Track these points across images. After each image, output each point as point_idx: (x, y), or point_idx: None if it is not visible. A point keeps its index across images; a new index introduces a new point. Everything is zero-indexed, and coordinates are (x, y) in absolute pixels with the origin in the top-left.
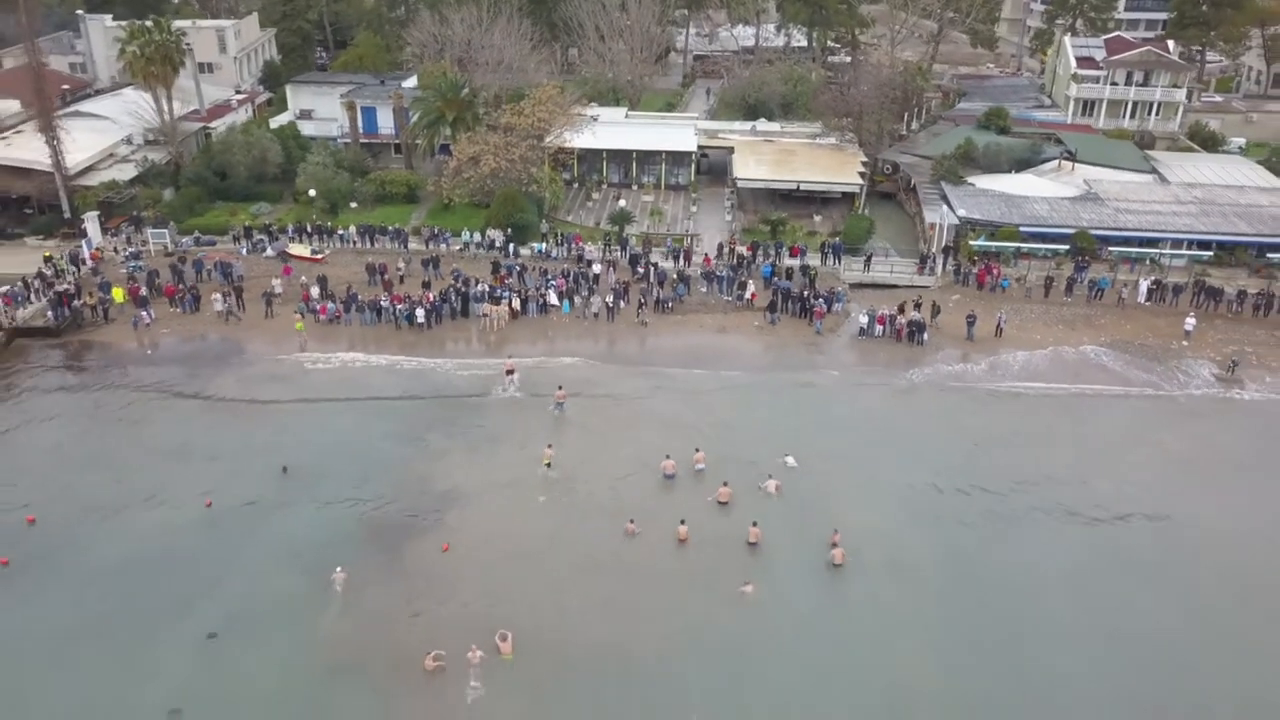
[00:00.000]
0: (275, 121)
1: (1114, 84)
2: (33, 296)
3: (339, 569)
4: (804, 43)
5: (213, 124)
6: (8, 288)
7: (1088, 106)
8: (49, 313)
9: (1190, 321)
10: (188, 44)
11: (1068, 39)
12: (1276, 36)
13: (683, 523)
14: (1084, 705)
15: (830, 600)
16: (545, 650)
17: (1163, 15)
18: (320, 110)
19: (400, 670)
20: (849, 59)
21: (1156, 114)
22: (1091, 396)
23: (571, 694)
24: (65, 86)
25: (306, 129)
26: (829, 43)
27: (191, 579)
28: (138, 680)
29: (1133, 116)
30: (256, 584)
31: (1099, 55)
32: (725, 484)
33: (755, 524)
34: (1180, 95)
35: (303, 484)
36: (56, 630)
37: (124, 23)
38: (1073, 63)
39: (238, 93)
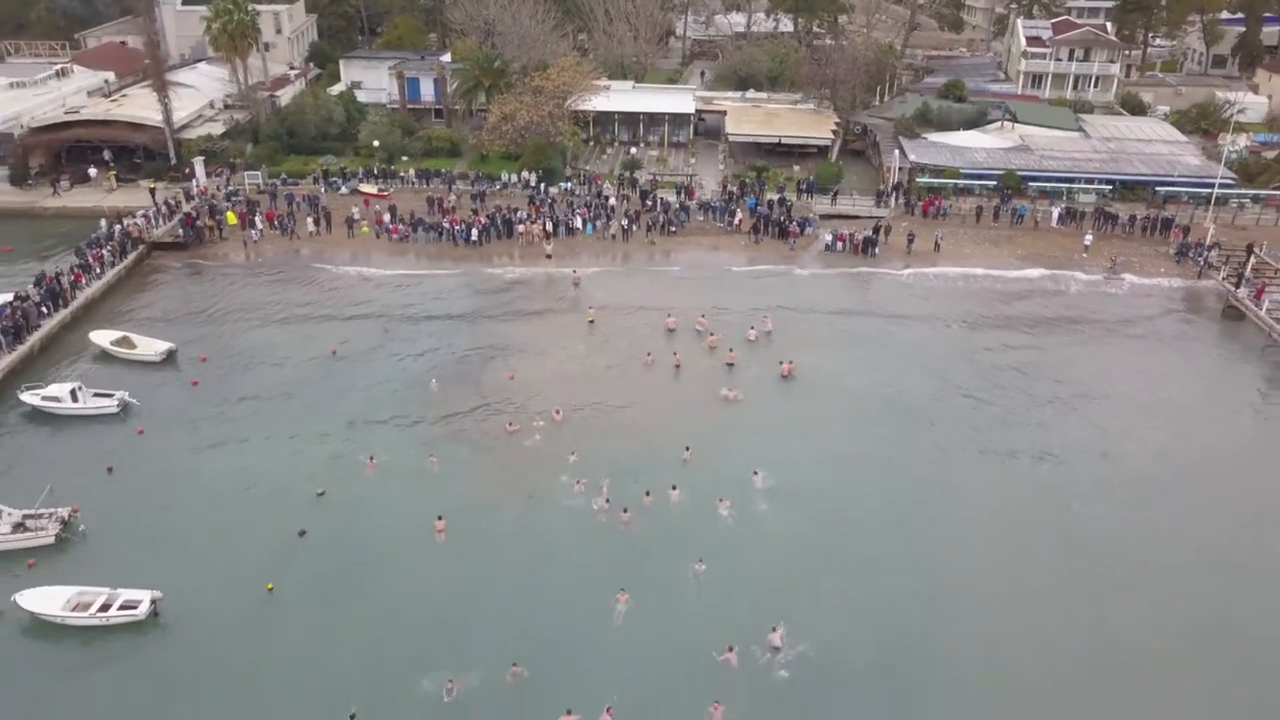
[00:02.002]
0: (332, 91)
1: (1058, 60)
2: (160, 220)
3: (435, 380)
4: (791, 28)
5: (277, 93)
6: (144, 212)
7: (1036, 79)
8: (179, 231)
9: (1088, 238)
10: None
11: (1020, 21)
12: (1214, 22)
13: (676, 353)
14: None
15: (780, 395)
16: (584, 422)
17: (1110, 2)
18: (369, 82)
19: (487, 435)
20: (831, 41)
21: (1095, 86)
22: (983, 277)
23: (601, 445)
24: (147, 61)
25: (359, 97)
26: (814, 28)
27: (328, 393)
28: (292, 459)
29: (1075, 88)
30: (376, 394)
31: (1046, 35)
32: (713, 334)
33: (732, 350)
34: (1115, 69)
35: (399, 339)
36: (232, 423)
37: (194, 6)
38: (1023, 42)
39: (291, 68)
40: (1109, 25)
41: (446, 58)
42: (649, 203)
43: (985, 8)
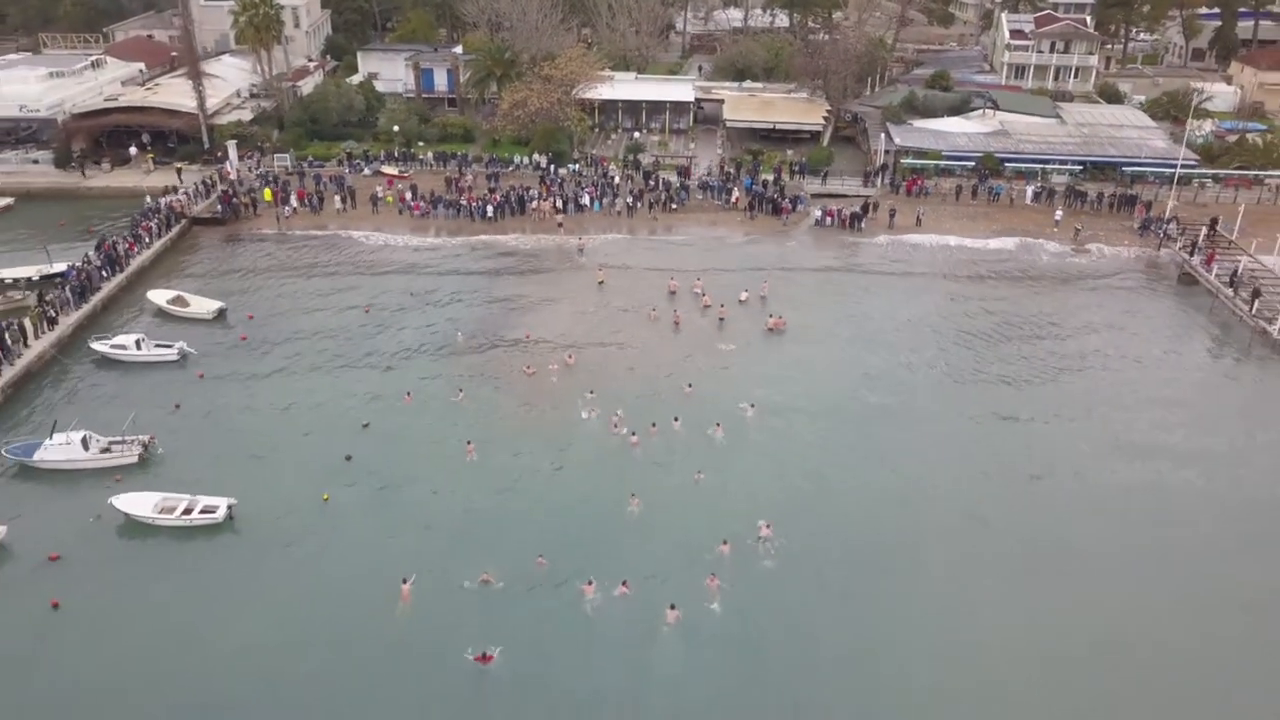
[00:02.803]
0: (351, 81)
1: (1040, 52)
2: (199, 198)
3: (459, 332)
4: (787, 23)
5: (298, 83)
6: (185, 190)
7: (1019, 70)
8: (217, 207)
9: (1059, 214)
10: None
11: (1004, 15)
12: (1193, 16)
13: (676, 311)
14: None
15: (769, 346)
16: (595, 366)
17: None
18: (385, 73)
19: (509, 376)
20: (825, 36)
21: (1075, 77)
22: (960, 247)
23: (611, 384)
24: (173, 53)
25: (377, 87)
26: (809, 23)
27: (364, 343)
28: (337, 398)
29: (1056, 79)
30: (407, 343)
31: (1029, 29)
32: (706, 294)
33: (723, 305)
34: (1093, 61)
35: (425, 299)
36: (281, 370)
37: (218, 2)
38: (1006, 35)
39: (310, 61)
40: (1089, 19)
41: (458, 50)
42: (651, 182)
43: (975, 3)
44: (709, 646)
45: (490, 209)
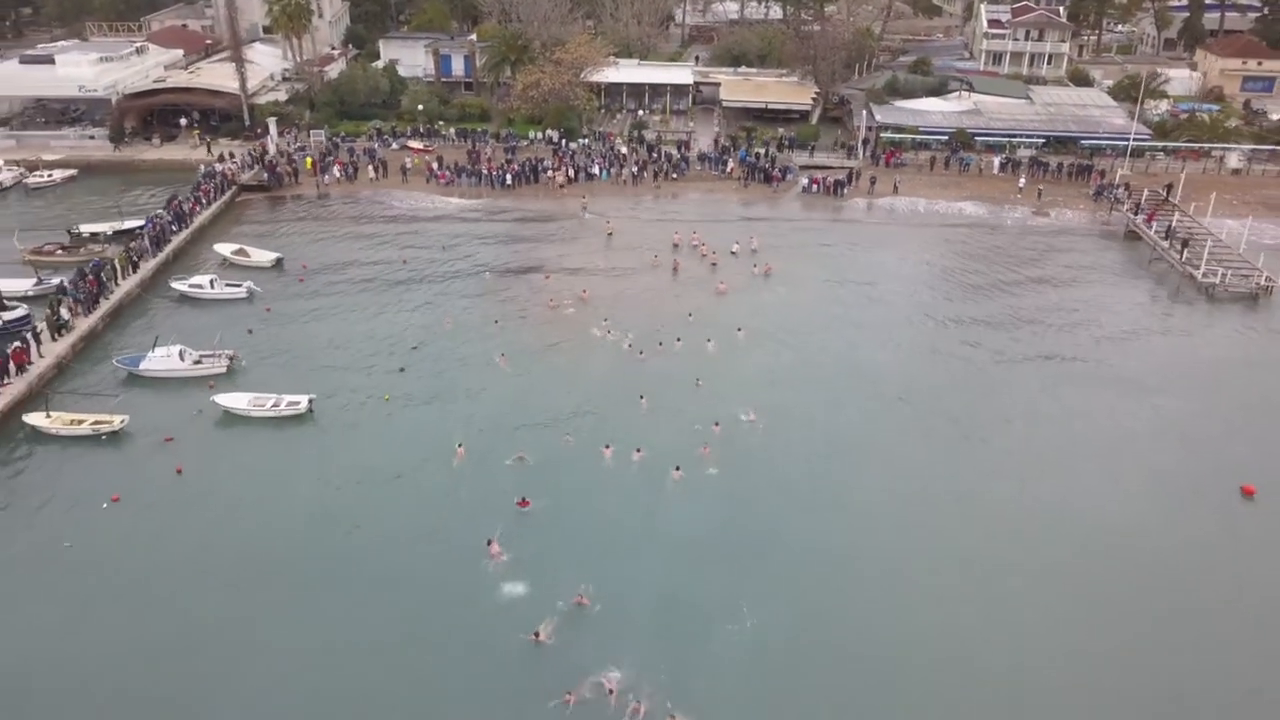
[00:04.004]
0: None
1: (1016, 40)
2: (245, 168)
3: (487, 273)
4: (781, 14)
5: (324, 68)
6: (235, 161)
7: (996, 57)
8: (263, 175)
9: (1022, 181)
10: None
11: (983, 6)
12: (1164, 8)
13: (676, 259)
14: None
15: (759, 286)
16: (606, 300)
17: None
18: (405, 59)
19: (533, 309)
20: (817, 29)
21: (1049, 63)
22: (931, 210)
23: (621, 314)
24: (208, 41)
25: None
26: (802, 15)
27: (405, 284)
28: (387, 324)
29: (1031, 65)
30: (442, 284)
31: (1005, 18)
32: (704, 243)
33: (714, 252)
34: (1065, 48)
35: (454, 251)
36: (336, 306)
37: None
38: (984, 24)
39: (332, 49)
40: (1063, 10)
41: (472, 38)
42: (654, 154)
43: None
44: (705, 495)
45: (509, 178)
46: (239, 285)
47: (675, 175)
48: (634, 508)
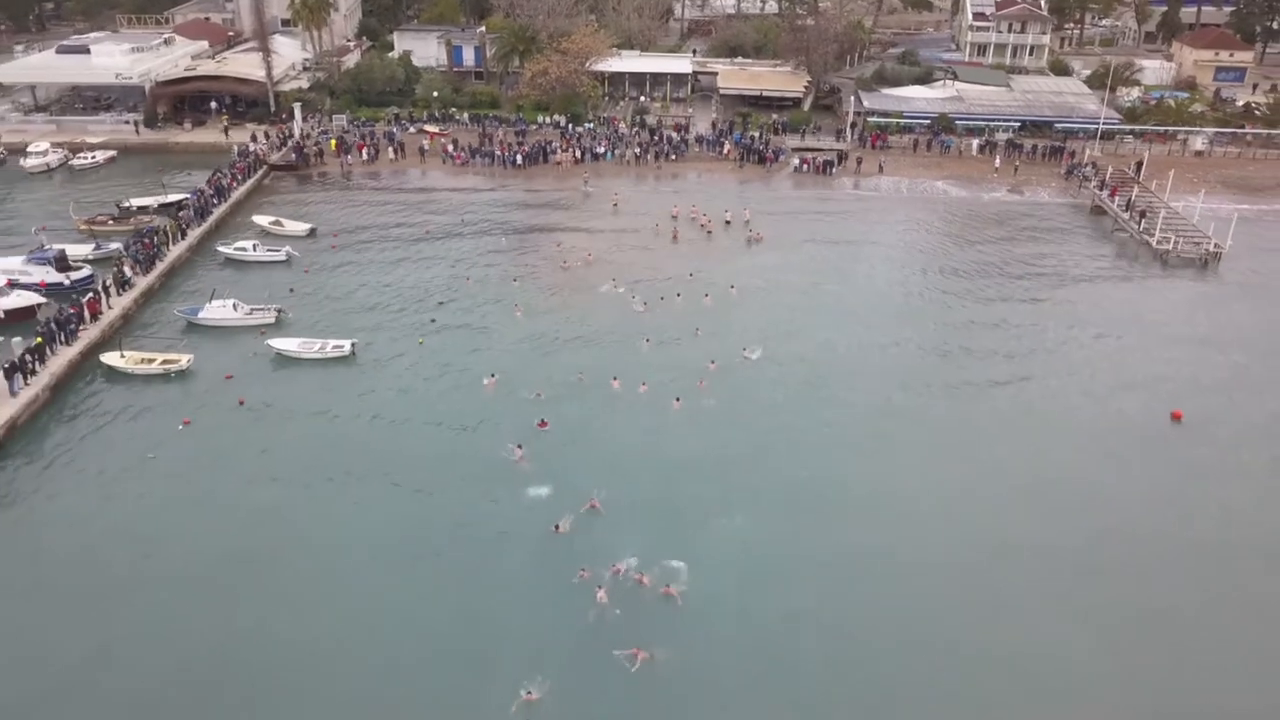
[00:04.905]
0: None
1: (999, 32)
2: (273, 151)
3: (502, 237)
4: (776, 8)
5: (342, 58)
6: (265, 142)
7: (981, 49)
8: (291, 155)
9: (997, 161)
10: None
11: (969, 0)
12: (1144, 2)
13: (675, 228)
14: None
15: (751, 251)
16: (608, 263)
17: None
18: (418, 50)
19: (546, 269)
20: (811, 23)
21: (1030, 54)
22: (913, 188)
23: (627, 273)
24: (230, 34)
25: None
26: (798, 9)
27: (430, 251)
28: (415, 283)
29: (1013, 56)
30: (464, 249)
31: (990, 11)
32: (700, 215)
33: (709, 219)
34: (1046, 40)
35: (472, 224)
36: (369, 268)
37: None
38: (970, 17)
39: (347, 40)
40: (1044, 3)
41: (482, 29)
42: (655, 137)
43: None
44: (702, 421)
45: (520, 158)
46: (278, 250)
47: (674, 156)
48: (639, 431)
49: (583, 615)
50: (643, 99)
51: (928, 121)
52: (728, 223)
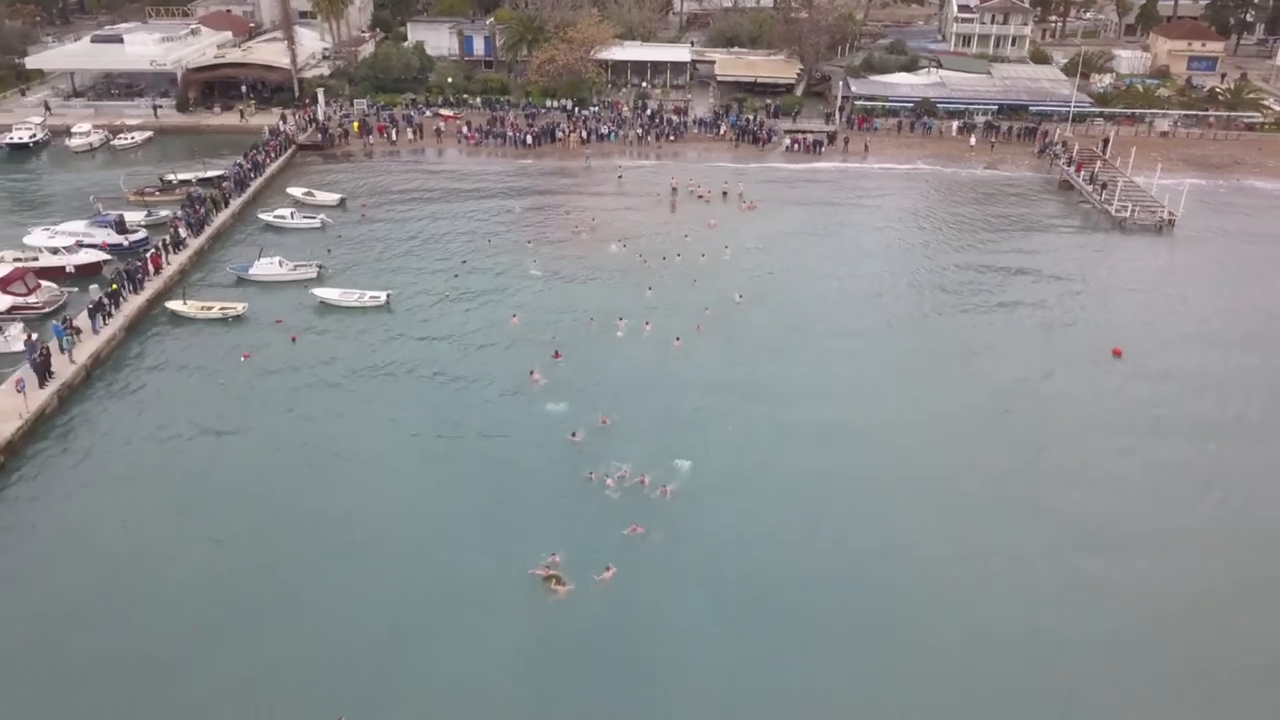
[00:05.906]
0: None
1: (983, 23)
2: (300, 131)
3: (516, 206)
4: (771, 1)
5: (358, 48)
6: (293, 124)
7: (966, 39)
8: (317, 136)
9: (974, 140)
10: None
11: None
12: None
13: (674, 198)
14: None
15: (744, 219)
16: (612, 227)
17: None
18: (431, 40)
19: (556, 233)
20: (805, 16)
21: (1013, 44)
22: (895, 166)
23: (631, 237)
24: (251, 25)
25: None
26: (791, 2)
27: (450, 218)
28: (441, 246)
29: (996, 46)
30: (481, 217)
31: (974, 3)
32: (701, 186)
33: (708, 189)
34: (1027, 31)
35: (485, 196)
36: (396, 235)
37: None
38: (955, 9)
39: (362, 31)
40: None
41: (490, 20)
42: (656, 120)
43: None
44: (701, 355)
45: (529, 138)
46: (314, 217)
47: (674, 137)
48: (643, 363)
49: (593, 503)
50: (644, 85)
51: (911, 106)
52: (725, 194)
